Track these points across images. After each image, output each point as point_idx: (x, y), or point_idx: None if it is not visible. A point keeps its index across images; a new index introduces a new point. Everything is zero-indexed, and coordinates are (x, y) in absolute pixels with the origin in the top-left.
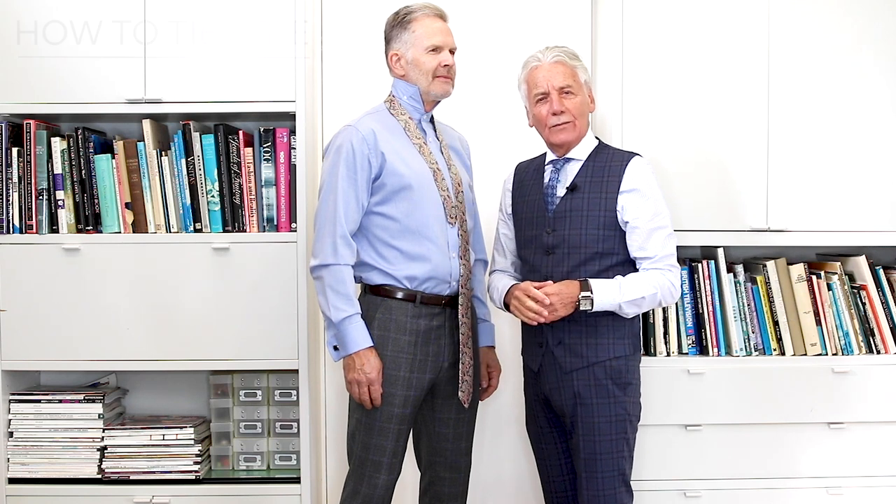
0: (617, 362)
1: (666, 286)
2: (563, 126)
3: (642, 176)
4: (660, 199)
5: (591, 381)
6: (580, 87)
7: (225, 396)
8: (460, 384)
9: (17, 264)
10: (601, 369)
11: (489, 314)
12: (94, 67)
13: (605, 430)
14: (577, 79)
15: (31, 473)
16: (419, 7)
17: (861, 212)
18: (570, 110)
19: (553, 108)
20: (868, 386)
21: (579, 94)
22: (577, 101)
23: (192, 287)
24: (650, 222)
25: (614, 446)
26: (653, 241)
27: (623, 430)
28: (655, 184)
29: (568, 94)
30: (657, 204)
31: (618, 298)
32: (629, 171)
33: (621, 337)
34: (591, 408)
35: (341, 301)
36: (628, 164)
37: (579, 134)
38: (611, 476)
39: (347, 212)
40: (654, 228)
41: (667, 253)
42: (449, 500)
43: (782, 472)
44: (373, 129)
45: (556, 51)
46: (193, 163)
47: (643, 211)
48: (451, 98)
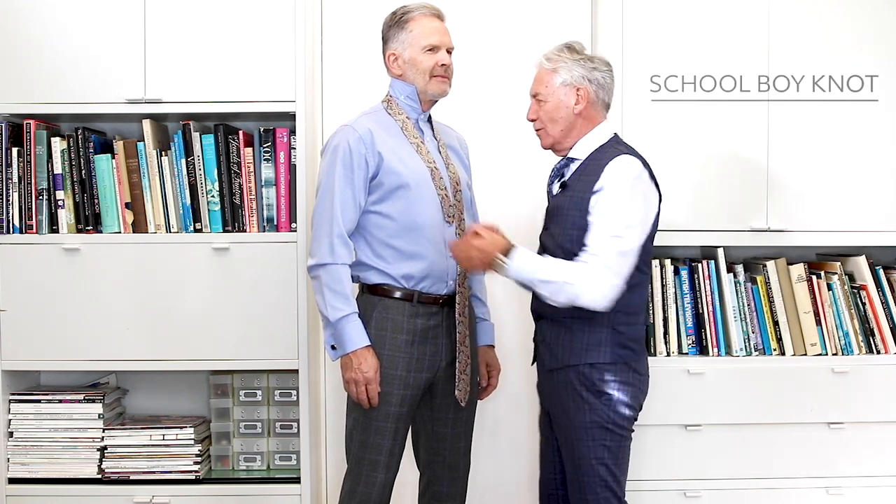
0: (590, 369)
1: (587, 285)
2: (538, 133)
3: (615, 175)
4: (626, 204)
5: (566, 384)
6: (551, 92)
7: (225, 396)
8: (457, 383)
9: (17, 264)
10: (574, 373)
11: (489, 313)
12: (94, 67)
13: (581, 436)
14: (551, 83)
15: (31, 473)
16: (417, 7)
17: (861, 212)
18: (539, 118)
19: (528, 116)
20: (868, 386)
21: (550, 99)
22: (546, 107)
23: (192, 287)
24: (601, 220)
25: (592, 453)
26: (596, 237)
27: (601, 437)
28: (629, 186)
29: (539, 101)
30: (619, 206)
31: (533, 275)
32: (605, 170)
33: (597, 343)
34: (566, 411)
35: (338, 300)
36: (608, 163)
37: (554, 139)
38: (592, 482)
39: (344, 211)
40: (602, 226)
41: (605, 252)
42: (448, 499)
43: (782, 472)
44: (370, 129)
45: (545, 54)
46: (193, 163)
47: (600, 209)
48: (449, 98)
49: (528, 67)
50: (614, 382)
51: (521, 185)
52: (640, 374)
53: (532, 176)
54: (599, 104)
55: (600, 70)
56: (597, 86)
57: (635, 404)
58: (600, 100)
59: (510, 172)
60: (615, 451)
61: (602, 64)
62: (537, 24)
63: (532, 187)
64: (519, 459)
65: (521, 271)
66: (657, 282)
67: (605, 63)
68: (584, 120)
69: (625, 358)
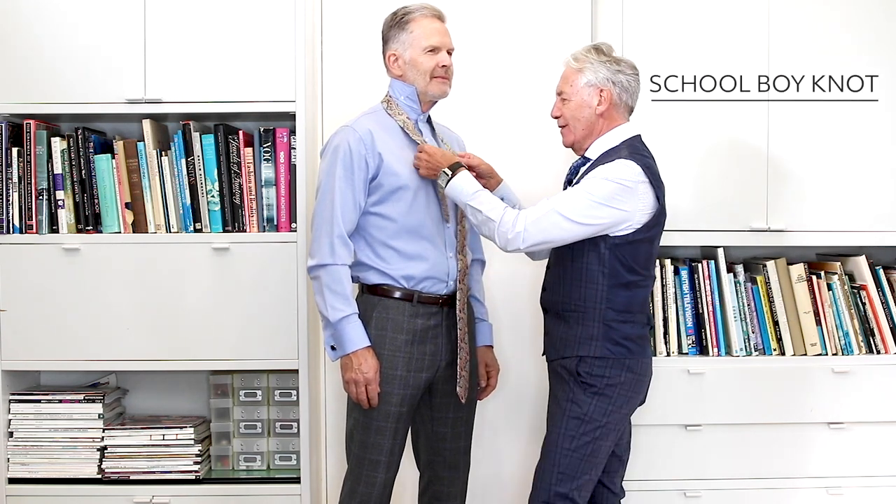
0: (580, 361)
1: (503, 228)
2: (562, 130)
3: (600, 172)
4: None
5: (558, 374)
6: (575, 91)
7: (225, 396)
8: (458, 379)
9: (17, 264)
10: (567, 364)
11: (487, 314)
12: (94, 67)
13: (557, 423)
14: (575, 83)
15: (31, 473)
16: (417, 7)
17: (861, 212)
18: (563, 115)
19: (551, 113)
20: (868, 386)
21: (573, 98)
22: (570, 105)
23: (191, 287)
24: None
25: (560, 441)
26: (546, 201)
27: (574, 428)
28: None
29: (563, 100)
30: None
31: (467, 199)
32: (596, 168)
33: (589, 337)
34: (554, 399)
35: (339, 301)
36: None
37: (576, 138)
38: (548, 469)
39: (345, 212)
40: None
41: (533, 217)
42: (448, 499)
43: (782, 472)
44: (370, 130)
45: (574, 54)
46: (193, 163)
47: (570, 188)
48: (449, 98)
49: (528, 67)
50: (603, 378)
51: (522, 184)
52: (634, 373)
53: (533, 176)
54: (622, 106)
55: (625, 73)
56: (620, 88)
57: (622, 403)
58: (623, 102)
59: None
60: (583, 447)
61: (628, 67)
62: (537, 24)
63: (533, 187)
64: (519, 459)
65: (458, 190)
66: (657, 282)
67: (631, 66)
68: (605, 121)
69: (618, 354)
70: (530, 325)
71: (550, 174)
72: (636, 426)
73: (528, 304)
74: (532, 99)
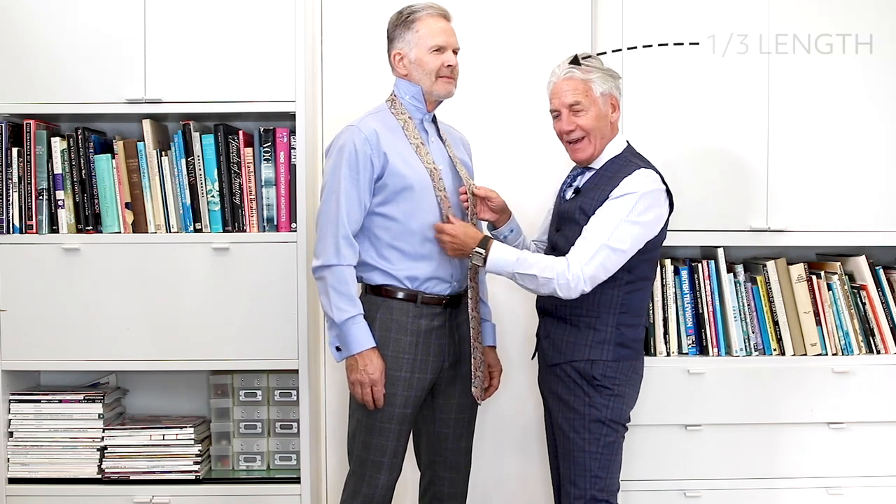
0: (592, 365)
1: (563, 280)
2: (578, 143)
3: (628, 186)
4: (625, 214)
5: (567, 378)
6: (593, 101)
7: (225, 396)
8: (473, 379)
9: (17, 264)
10: (577, 368)
11: (490, 314)
12: (94, 67)
13: (578, 428)
14: (591, 93)
15: (31, 473)
16: (423, 7)
17: (861, 212)
18: (581, 126)
19: (563, 128)
20: (868, 386)
21: (591, 108)
22: (589, 115)
23: (192, 287)
24: (597, 222)
25: (585, 445)
26: (587, 238)
27: (597, 431)
28: (636, 198)
29: (578, 111)
30: (618, 215)
31: (510, 270)
32: (623, 182)
33: (601, 341)
34: (567, 404)
35: (344, 302)
36: (625, 177)
37: (595, 148)
38: (580, 474)
39: (350, 212)
40: (596, 229)
41: (585, 258)
42: (449, 499)
43: (782, 472)
44: (375, 130)
45: (572, 65)
46: (193, 163)
47: (602, 212)
48: (453, 98)
49: (528, 68)
50: (616, 379)
51: (524, 184)
52: (638, 373)
53: (535, 176)
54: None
55: (618, 79)
56: (619, 95)
57: (632, 402)
58: (621, 109)
59: (514, 172)
60: (608, 447)
61: (617, 74)
62: (538, 24)
63: (536, 187)
64: (520, 459)
65: (500, 265)
66: (657, 282)
67: (618, 73)
68: (612, 129)
69: (626, 357)
70: (532, 327)
71: (553, 174)
72: (636, 426)
73: (529, 306)
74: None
